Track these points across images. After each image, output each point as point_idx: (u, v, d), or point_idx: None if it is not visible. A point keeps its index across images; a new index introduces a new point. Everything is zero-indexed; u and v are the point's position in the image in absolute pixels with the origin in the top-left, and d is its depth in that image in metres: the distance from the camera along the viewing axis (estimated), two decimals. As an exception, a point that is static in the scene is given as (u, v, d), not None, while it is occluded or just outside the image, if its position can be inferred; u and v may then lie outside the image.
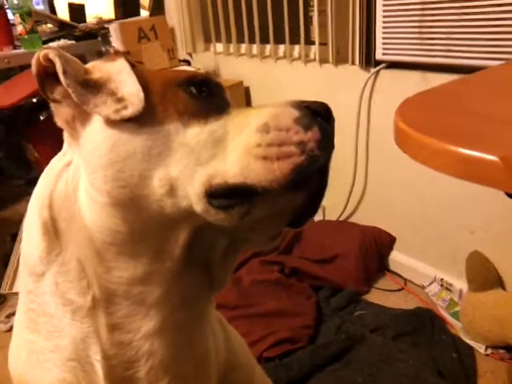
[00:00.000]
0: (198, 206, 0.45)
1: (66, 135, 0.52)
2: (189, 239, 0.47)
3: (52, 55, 0.45)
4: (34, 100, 1.72)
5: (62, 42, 2.19)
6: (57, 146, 0.56)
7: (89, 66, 0.50)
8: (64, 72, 0.44)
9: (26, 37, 2.09)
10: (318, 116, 0.47)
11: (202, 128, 0.47)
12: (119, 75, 0.48)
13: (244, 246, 0.54)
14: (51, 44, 2.17)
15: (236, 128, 0.47)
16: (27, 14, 2.05)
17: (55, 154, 0.55)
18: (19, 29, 2.11)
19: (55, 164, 0.51)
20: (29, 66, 0.49)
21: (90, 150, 0.46)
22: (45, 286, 0.49)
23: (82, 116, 0.48)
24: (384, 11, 1.53)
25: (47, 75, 0.47)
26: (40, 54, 0.46)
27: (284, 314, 1.49)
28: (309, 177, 0.46)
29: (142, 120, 0.46)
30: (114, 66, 0.50)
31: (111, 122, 0.46)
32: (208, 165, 0.45)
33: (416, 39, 1.47)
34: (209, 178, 0.45)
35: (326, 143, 0.46)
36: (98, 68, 0.49)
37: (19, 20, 2.08)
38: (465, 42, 1.35)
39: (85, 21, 2.74)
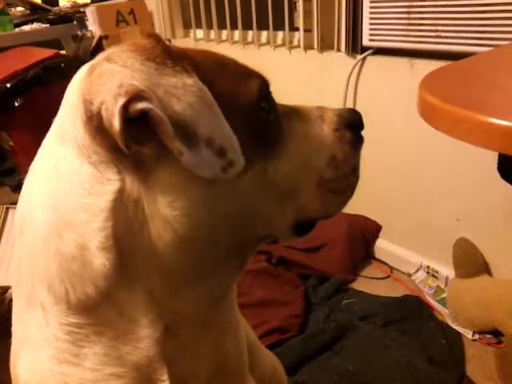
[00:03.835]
0: (284, 234, 0.50)
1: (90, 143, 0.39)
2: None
3: (158, 115, 0.34)
4: (8, 85, 1.63)
5: (36, 25, 2.09)
6: (34, 133, 0.50)
7: (143, 87, 0.35)
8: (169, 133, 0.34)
9: (-4, 19, 1.99)
10: (356, 128, 0.53)
11: (279, 161, 0.46)
12: (202, 111, 0.37)
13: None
14: (24, 27, 2.06)
15: (303, 158, 0.49)
16: (-3, -6, 1.95)
17: (32, 141, 0.47)
18: (-11, 11, 2.01)
19: (96, 193, 0.39)
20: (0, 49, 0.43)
21: (182, 205, 0.39)
22: (100, 317, 0.42)
23: (160, 154, 0.38)
24: (371, -4, 1.51)
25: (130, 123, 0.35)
26: (131, 104, 0.34)
27: (273, 304, 1.47)
28: None
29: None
30: (189, 89, 0.37)
31: (208, 183, 0.39)
32: (293, 200, 0.48)
33: (404, 25, 1.46)
34: (296, 213, 0.49)
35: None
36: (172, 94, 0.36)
37: (-12, 1, 1.98)
38: (454, 27, 1.34)
39: (57, 4, 2.64)
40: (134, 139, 0.36)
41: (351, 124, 0.52)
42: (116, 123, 0.34)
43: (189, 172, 0.37)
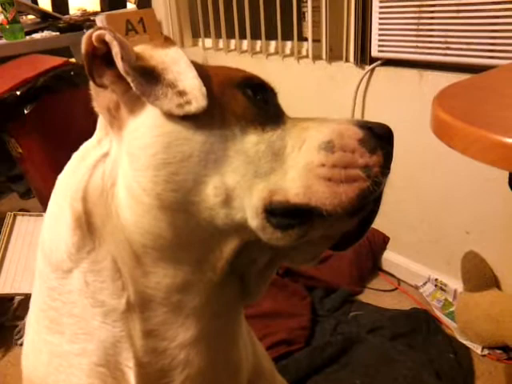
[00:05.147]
0: (255, 221, 0.43)
1: (102, 122, 0.48)
2: (235, 253, 0.45)
3: (109, 37, 0.41)
4: (18, 92, 1.64)
5: (46, 33, 2.11)
6: (42, 140, 0.52)
7: (138, 50, 0.44)
8: (121, 58, 0.40)
9: (7, 27, 2.01)
10: (380, 139, 0.46)
11: (260, 137, 0.44)
12: (176, 65, 0.44)
13: (281, 263, 0.52)
14: (35, 35, 2.08)
15: (295, 141, 0.45)
16: (9, 3, 1.96)
17: (40, 149, 0.51)
18: (0, 18, 2.02)
19: (90, 153, 0.47)
20: (10, 57, 0.46)
21: (140, 145, 0.42)
22: (72, 284, 0.44)
23: (131, 106, 0.44)
24: (380, 7, 1.51)
25: (95, 57, 0.43)
26: (93, 33, 0.41)
27: (280, 315, 1.46)
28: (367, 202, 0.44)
29: (200, 121, 0.42)
30: (167, 54, 0.45)
31: (169, 119, 0.42)
32: (268, 178, 0.43)
33: (413, 36, 1.46)
34: (269, 193, 0.42)
35: (387, 169, 0.46)
36: (149, 54, 0.45)
37: (0, 9, 2.00)
38: (463, 39, 1.34)
39: (68, 12, 2.66)
40: (98, 71, 0.44)
41: (362, 125, 0.46)
42: (83, 49, 0.42)
43: (153, 125, 0.42)
